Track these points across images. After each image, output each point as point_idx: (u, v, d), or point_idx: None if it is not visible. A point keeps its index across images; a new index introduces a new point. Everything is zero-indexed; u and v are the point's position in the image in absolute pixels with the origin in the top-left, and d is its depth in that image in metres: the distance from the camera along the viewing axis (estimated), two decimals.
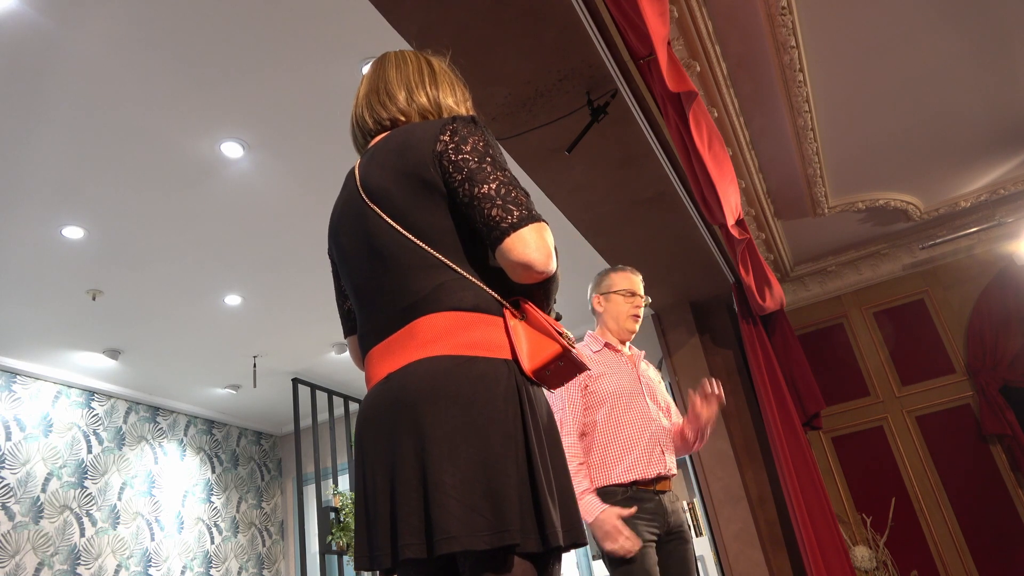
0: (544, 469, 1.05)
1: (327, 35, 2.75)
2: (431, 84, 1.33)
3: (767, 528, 4.25)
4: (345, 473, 6.17)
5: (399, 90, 1.32)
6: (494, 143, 1.20)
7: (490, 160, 1.14)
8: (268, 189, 3.56)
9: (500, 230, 1.08)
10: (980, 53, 3.32)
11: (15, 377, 4.81)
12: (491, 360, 1.09)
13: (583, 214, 3.55)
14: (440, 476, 1.01)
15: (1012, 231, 4.49)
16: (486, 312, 1.12)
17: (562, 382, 1.17)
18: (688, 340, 4.75)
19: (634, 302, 2.45)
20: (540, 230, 1.09)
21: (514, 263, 1.08)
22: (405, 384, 1.09)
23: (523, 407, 1.07)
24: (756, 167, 3.87)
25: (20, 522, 4.52)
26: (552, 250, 1.10)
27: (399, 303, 1.15)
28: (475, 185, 1.11)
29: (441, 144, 1.16)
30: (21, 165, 3.13)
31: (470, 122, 1.19)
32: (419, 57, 1.38)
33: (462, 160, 1.14)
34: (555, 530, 1.01)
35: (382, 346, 1.17)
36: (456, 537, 0.97)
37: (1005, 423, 4.27)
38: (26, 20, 2.50)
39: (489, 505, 1.00)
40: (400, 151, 1.20)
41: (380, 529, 1.06)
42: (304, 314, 4.82)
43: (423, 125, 1.23)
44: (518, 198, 1.11)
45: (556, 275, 1.15)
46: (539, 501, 1.02)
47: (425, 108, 1.31)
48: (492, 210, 1.09)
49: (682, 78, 2.29)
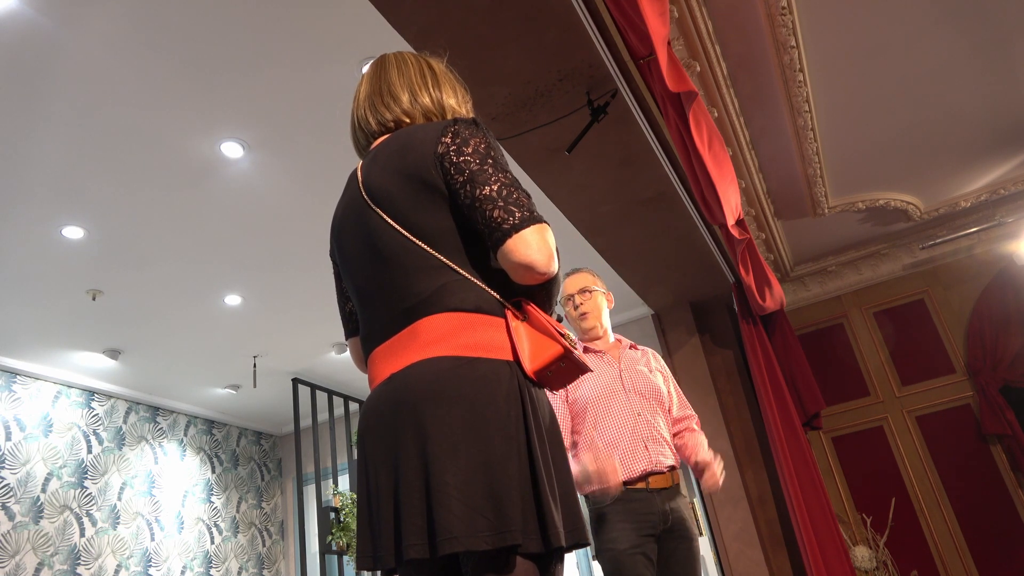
0: (546, 470, 1.06)
1: (327, 35, 2.75)
2: (434, 85, 1.34)
3: (767, 528, 4.25)
4: (345, 473, 6.17)
5: (402, 91, 1.32)
6: (495, 145, 1.20)
7: (491, 162, 1.15)
8: (268, 189, 3.56)
9: (502, 232, 1.09)
10: (980, 53, 3.32)
11: (15, 377, 4.81)
12: (493, 361, 1.09)
13: (583, 214, 3.55)
14: (442, 476, 1.01)
15: (1012, 231, 4.49)
16: (488, 313, 1.13)
17: (564, 383, 1.17)
18: (688, 340, 4.75)
19: (573, 304, 2.48)
20: (542, 231, 1.10)
21: (516, 264, 1.09)
22: (408, 384, 1.09)
23: (525, 408, 1.08)
24: (756, 167, 3.87)
25: (20, 522, 4.52)
26: (553, 251, 1.11)
27: (401, 304, 1.15)
28: (477, 187, 1.12)
29: (443, 146, 1.16)
30: (21, 165, 3.13)
31: (472, 124, 1.20)
32: (419, 59, 1.38)
33: (464, 162, 1.14)
34: (557, 531, 1.01)
35: (385, 347, 1.17)
36: (458, 537, 0.97)
37: (1005, 423, 4.27)
38: (26, 20, 2.50)
39: (491, 505, 1.00)
40: (402, 152, 1.21)
41: (384, 529, 1.07)
42: (304, 314, 4.82)
43: (425, 127, 1.23)
44: (520, 199, 1.11)
45: (558, 276, 1.16)
46: (541, 502, 1.02)
47: (429, 109, 1.31)
48: (494, 212, 1.10)
49: (682, 78, 2.29)
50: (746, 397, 4.57)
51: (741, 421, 4.54)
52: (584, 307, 2.45)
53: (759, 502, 4.32)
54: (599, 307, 2.48)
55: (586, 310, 2.45)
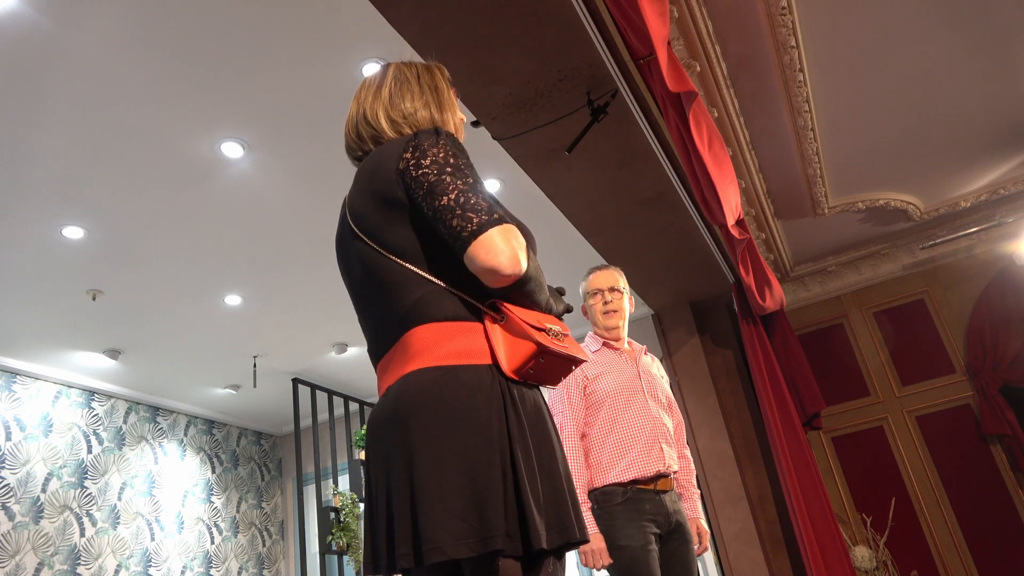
0: (529, 472, 1.07)
1: (327, 35, 2.75)
2: (408, 97, 1.33)
3: (767, 528, 4.25)
4: (345, 473, 6.17)
5: (379, 112, 1.33)
6: (456, 150, 1.20)
7: (450, 170, 1.15)
8: (268, 189, 3.56)
9: (462, 240, 1.10)
10: (980, 53, 3.32)
11: (15, 377, 4.81)
12: (474, 367, 1.12)
13: (583, 214, 3.55)
14: (426, 484, 1.03)
15: (1012, 231, 4.49)
16: (465, 320, 1.15)
17: (558, 377, 1.19)
18: (688, 340, 4.75)
19: (602, 299, 2.50)
20: (503, 232, 1.09)
21: (481, 270, 1.09)
22: (398, 396, 1.13)
23: (507, 411, 1.09)
24: (756, 167, 3.87)
25: (20, 522, 4.52)
26: (518, 250, 1.10)
27: (390, 319, 1.19)
28: (435, 198, 1.13)
29: (403, 162, 1.19)
30: (21, 165, 3.13)
31: (432, 134, 1.21)
32: (400, 68, 1.38)
33: (422, 175, 1.16)
34: (538, 533, 1.03)
35: (383, 361, 1.22)
36: (441, 547, 0.99)
37: (1005, 423, 4.27)
38: (26, 20, 2.50)
39: (474, 512, 1.02)
40: (372, 174, 1.24)
41: (381, 538, 1.11)
42: (304, 314, 4.82)
43: (391, 144, 1.25)
44: (477, 204, 1.11)
45: (529, 273, 1.15)
46: (522, 505, 1.04)
47: (397, 123, 1.31)
48: (452, 220, 1.11)
49: (682, 78, 2.29)
50: (746, 397, 4.57)
51: (741, 421, 4.54)
52: (613, 304, 2.50)
53: (759, 502, 4.32)
54: (625, 308, 2.53)
55: (615, 308, 2.50)
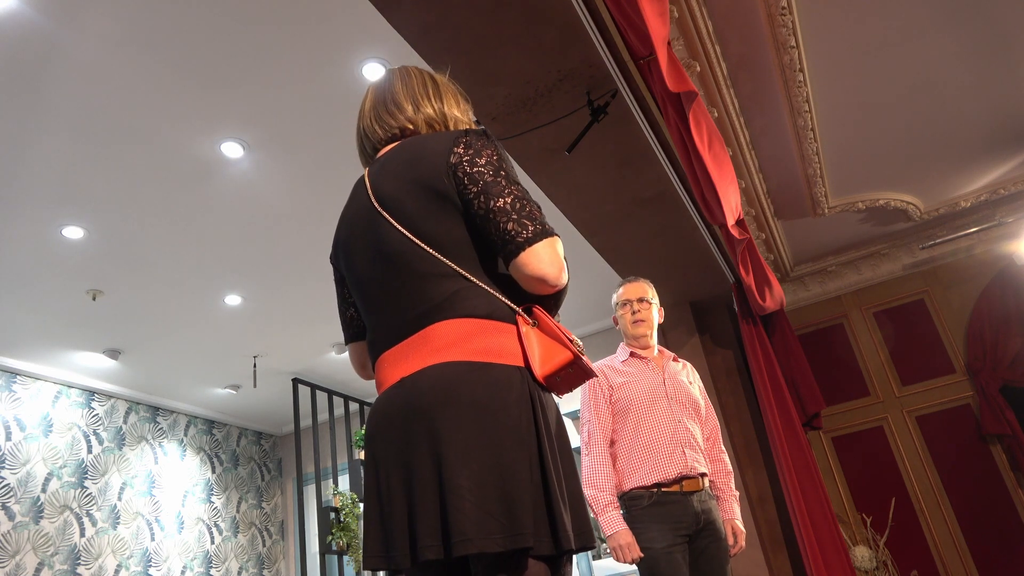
0: (556, 473, 1.08)
1: (327, 35, 2.75)
2: (435, 96, 1.37)
3: (767, 528, 4.25)
4: (345, 473, 6.17)
5: (406, 101, 1.35)
6: (506, 157, 1.23)
7: (504, 174, 1.18)
8: (268, 189, 3.56)
9: (515, 244, 1.11)
10: (980, 54, 3.32)
11: (15, 377, 4.81)
12: (504, 367, 1.11)
13: (583, 214, 3.55)
14: (456, 480, 1.03)
15: (1012, 231, 4.49)
16: (499, 320, 1.15)
17: (570, 388, 1.20)
18: (688, 340, 4.74)
19: (631, 309, 2.60)
20: (553, 244, 1.13)
21: (529, 277, 1.12)
22: (420, 388, 1.11)
23: (536, 413, 1.10)
24: (756, 167, 3.87)
25: (20, 522, 4.52)
26: (564, 264, 1.14)
27: (412, 309, 1.17)
28: (491, 198, 1.14)
29: (455, 156, 1.19)
30: (21, 165, 3.13)
31: (483, 135, 1.23)
32: (422, 72, 1.42)
33: (477, 173, 1.16)
34: (567, 533, 1.04)
35: (394, 351, 1.19)
36: (472, 539, 1.00)
37: (1005, 423, 4.27)
38: (26, 20, 2.50)
39: (503, 508, 1.02)
40: (412, 162, 1.23)
41: (397, 530, 1.08)
42: (304, 314, 4.82)
43: (435, 137, 1.25)
44: (532, 212, 1.14)
45: (567, 287, 1.19)
46: (552, 505, 1.04)
47: (432, 118, 1.34)
48: (508, 224, 1.12)
49: (682, 78, 2.29)
50: (746, 397, 4.57)
51: (741, 421, 4.54)
52: (640, 315, 2.60)
53: (759, 502, 4.32)
54: (653, 318, 2.62)
55: (642, 318, 2.59)
